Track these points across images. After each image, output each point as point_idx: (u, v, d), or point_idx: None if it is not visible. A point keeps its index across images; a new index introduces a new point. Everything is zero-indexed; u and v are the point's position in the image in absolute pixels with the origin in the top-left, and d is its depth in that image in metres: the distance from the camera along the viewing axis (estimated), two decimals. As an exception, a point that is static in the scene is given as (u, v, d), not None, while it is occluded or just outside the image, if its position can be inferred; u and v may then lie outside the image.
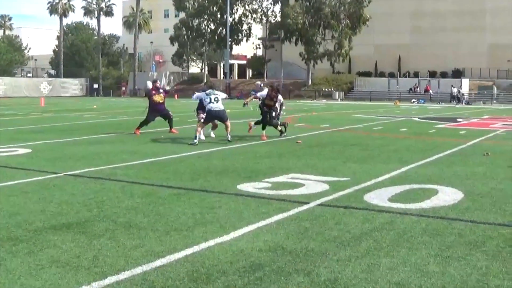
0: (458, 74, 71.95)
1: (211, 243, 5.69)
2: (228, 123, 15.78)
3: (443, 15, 75.11)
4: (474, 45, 73.44)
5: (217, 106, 15.61)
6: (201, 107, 16.47)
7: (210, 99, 15.58)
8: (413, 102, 58.18)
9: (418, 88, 66.22)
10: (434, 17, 75.71)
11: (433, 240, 5.88)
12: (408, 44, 76.50)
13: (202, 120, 15.83)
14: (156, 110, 17.82)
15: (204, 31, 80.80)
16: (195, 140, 14.89)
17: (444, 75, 72.28)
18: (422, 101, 59.26)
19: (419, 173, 10.31)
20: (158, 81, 19.49)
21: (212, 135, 16.81)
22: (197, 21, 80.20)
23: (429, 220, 6.71)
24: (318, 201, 7.68)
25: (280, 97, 16.86)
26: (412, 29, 77.30)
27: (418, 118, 28.75)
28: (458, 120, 27.17)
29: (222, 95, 16.16)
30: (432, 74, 72.73)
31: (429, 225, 6.48)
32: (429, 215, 6.97)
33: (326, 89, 69.18)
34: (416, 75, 72.90)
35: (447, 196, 8.09)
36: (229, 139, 15.45)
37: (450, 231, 6.25)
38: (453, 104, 53.19)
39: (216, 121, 16.37)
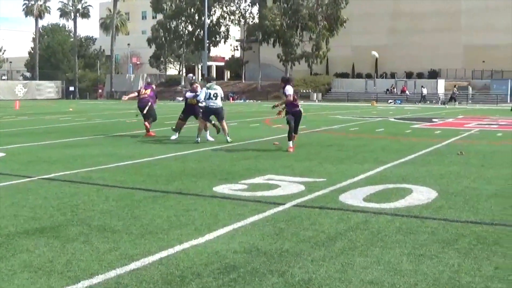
0: (434, 74, 72.71)
1: (186, 245, 5.67)
2: (225, 124, 15.67)
3: (420, 16, 75.83)
4: (450, 46, 74.24)
5: (215, 102, 15.45)
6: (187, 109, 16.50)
7: (210, 94, 15.35)
8: (390, 102, 58.66)
9: (395, 89, 66.74)
10: (411, 19, 76.39)
11: (406, 238, 5.93)
12: (385, 45, 77.02)
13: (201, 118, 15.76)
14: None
15: (181, 32, 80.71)
16: (198, 139, 15.37)
17: (420, 75, 72.99)
18: (399, 101, 59.72)
19: (394, 173, 10.39)
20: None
21: (210, 138, 16.24)
22: (174, 22, 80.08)
23: (403, 219, 6.76)
24: (294, 202, 7.70)
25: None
26: (389, 30, 77.96)
27: (394, 118, 28.97)
28: (434, 120, 27.44)
29: (221, 92, 15.78)
30: (409, 75, 73.39)
31: (403, 224, 6.53)
32: (403, 214, 7.03)
33: (304, 91, 69.37)
34: (393, 76, 73.47)
35: (421, 195, 8.17)
36: (228, 140, 15.36)
37: (423, 229, 6.31)
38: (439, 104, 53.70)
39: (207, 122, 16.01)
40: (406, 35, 76.44)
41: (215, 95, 15.37)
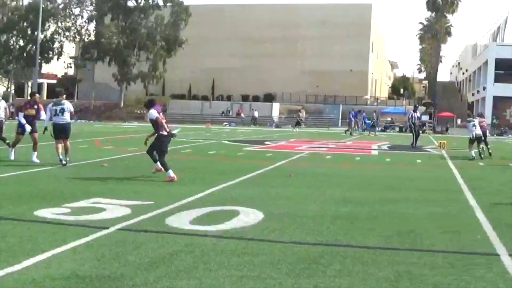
0: (270, 98, 75.07)
1: (0, 273, 5.27)
2: (69, 143, 14.77)
3: (258, 41, 78.19)
4: (286, 71, 77.22)
5: (63, 118, 14.39)
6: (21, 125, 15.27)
7: (56, 110, 14.28)
8: (225, 125, 59.63)
9: (230, 112, 68.03)
10: (249, 43, 78.57)
11: (230, 260, 5.92)
12: (222, 68, 78.43)
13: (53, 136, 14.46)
14: None
15: (12, 47, 76.75)
16: (63, 162, 14.16)
17: (256, 99, 74.96)
18: (234, 124, 60.89)
19: (223, 195, 10.43)
20: None
21: (36, 160, 14.96)
22: (5, 36, 76.00)
23: (228, 241, 6.77)
24: (119, 226, 7.45)
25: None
26: (227, 53, 79.50)
27: (228, 141, 29.39)
28: (266, 143, 28.14)
29: (69, 106, 14.67)
30: (245, 98, 75.13)
31: (227, 246, 6.53)
32: (229, 236, 7.04)
33: (139, 111, 68.53)
34: (229, 98, 74.85)
35: (248, 217, 8.24)
36: (66, 161, 14.33)
37: (248, 251, 6.34)
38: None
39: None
40: (243, 58, 78.47)
41: (61, 110, 14.36)
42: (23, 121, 15.14)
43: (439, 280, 5.45)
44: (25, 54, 75.91)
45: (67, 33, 78.12)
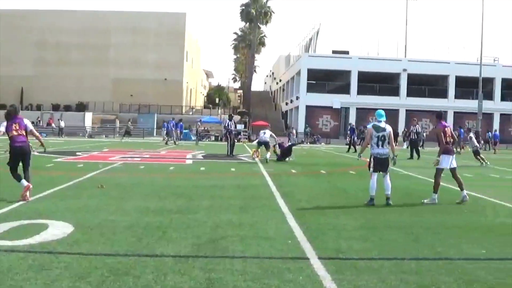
0: (82, 107, 73.07)
1: None
2: None
3: (67, 48, 75.93)
4: (98, 79, 75.69)
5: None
6: None
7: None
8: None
9: (41, 122, 65.26)
10: (58, 50, 76.01)
11: (38, 275, 5.80)
12: (31, 76, 75.11)
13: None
14: None
15: None
16: None
17: (68, 108, 72.63)
18: (44, 134, 58.42)
19: (31, 208, 10.06)
20: None
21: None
22: None
23: (36, 256, 6.59)
24: None
25: None
26: (35, 60, 76.23)
27: (37, 152, 28.11)
28: (78, 153, 27.38)
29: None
30: (56, 107, 72.48)
31: (35, 261, 6.37)
32: (37, 250, 6.86)
33: None
34: (39, 108, 71.78)
35: (57, 230, 8.06)
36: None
37: (56, 265, 6.23)
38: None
39: None
40: (53, 66, 75.74)
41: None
42: None
43: (250, 285, 5.71)
44: None
45: None
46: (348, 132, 42.16)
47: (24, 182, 11.06)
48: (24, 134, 11.43)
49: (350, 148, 38.44)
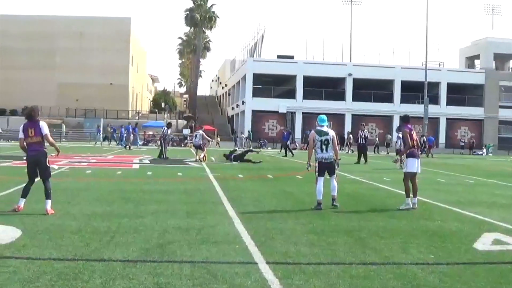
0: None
1: None
2: None
3: (12, 52, 74.37)
4: (44, 84, 74.36)
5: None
6: None
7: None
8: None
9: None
10: (4, 54, 74.28)
11: (-14, 280, 5.83)
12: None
13: None
14: None
15: None
16: None
17: (14, 113, 71.13)
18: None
19: (-22, 213, 9.96)
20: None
21: None
22: None
23: (-16, 261, 6.60)
24: None
25: None
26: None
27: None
28: (24, 158, 26.76)
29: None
30: (1, 112, 71.04)
31: (-17, 265, 6.38)
32: (-15, 255, 6.87)
33: None
34: (-14, 113, 70.23)
35: (5, 234, 8.06)
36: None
37: (4, 269, 6.27)
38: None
39: None
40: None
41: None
42: None
43: (198, 291, 5.82)
44: None
45: None
46: (284, 134, 41.72)
47: (21, 202, 10.51)
48: (39, 141, 10.58)
49: (287, 152, 38.39)
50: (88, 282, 5.93)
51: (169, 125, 32.13)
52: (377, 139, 57.16)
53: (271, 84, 70.72)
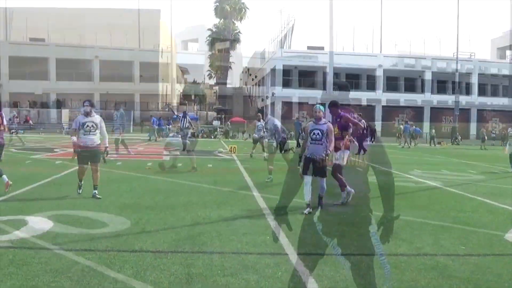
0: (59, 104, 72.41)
1: None
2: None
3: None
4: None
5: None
6: None
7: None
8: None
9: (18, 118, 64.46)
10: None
11: (19, 270, 5.90)
12: None
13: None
14: None
15: None
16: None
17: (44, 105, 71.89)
18: (22, 131, 57.68)
19: (10, 205, 10.05)
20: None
21: None
22: None
23: (16, 251, 6.70)
24: None
25: None
26: None
27: (15, 149, 27.86)
28: (55, 150, 27.10)
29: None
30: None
31: (16, 256, 6.47)
32: (18, 246, 6.96)
33: None
34: (16, 104, 70.88)
35: (37, 225, 8.14)
36: None
37: (37, 260, 6.33)
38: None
39: None
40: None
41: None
42: None
43: (229, 281, 5.84)
44: None
45: None
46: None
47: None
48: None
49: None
50: (119, 272, 5.97)
51: (184, 114, 31.48)
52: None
53: (301, 76, 70.32)
